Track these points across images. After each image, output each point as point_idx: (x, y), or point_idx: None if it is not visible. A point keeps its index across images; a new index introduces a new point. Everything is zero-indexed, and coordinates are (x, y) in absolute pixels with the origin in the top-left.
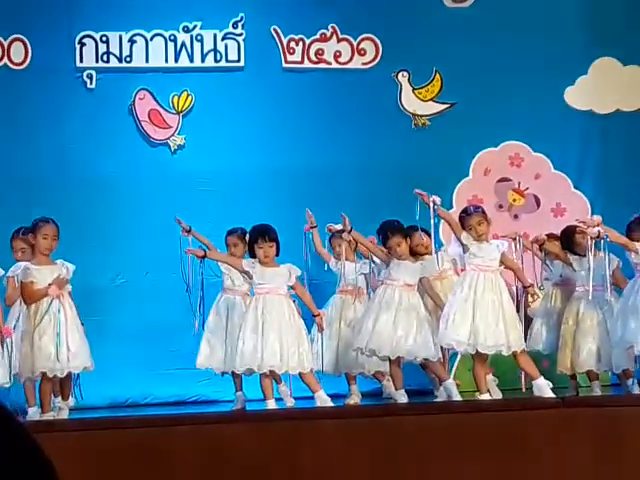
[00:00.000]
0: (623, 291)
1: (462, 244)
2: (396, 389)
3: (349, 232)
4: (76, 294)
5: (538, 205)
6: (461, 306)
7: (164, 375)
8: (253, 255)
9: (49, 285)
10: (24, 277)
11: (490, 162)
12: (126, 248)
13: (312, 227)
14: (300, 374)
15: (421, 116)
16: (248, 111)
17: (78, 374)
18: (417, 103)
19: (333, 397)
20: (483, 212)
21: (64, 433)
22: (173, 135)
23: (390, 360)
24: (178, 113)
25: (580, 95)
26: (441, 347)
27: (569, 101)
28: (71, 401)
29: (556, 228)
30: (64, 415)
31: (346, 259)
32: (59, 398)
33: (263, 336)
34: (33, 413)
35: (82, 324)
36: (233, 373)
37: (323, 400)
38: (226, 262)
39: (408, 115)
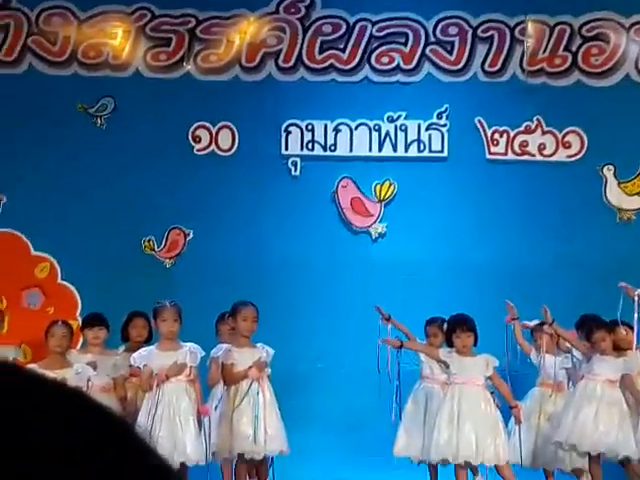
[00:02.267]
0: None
1: None
2: None
3: (550, 324)
4: (275, 378)
5: None
6: None
7: (360, 463)
8: (451, 344)
9: (249, 367)
10: (225, 359)
11: None
12: (326, 332)
13: (513, 319)
14: (496, 467)
15: (626, 210)
16: (450, 202)
17: (273, 458)
18: (622, 197)
19: None
20: None
21: None
22: (374, 223)
23: (590, 456)
24: (380, 202)
25: None
26: None
27: None
28: None
29: None
30: None
31: (547, 352)
32: (255, 479)
33: (459, 426)
34: None
35: (279, 407)
36: (429, 463)
37: None
38: (424, 352)
39: (613, 209)
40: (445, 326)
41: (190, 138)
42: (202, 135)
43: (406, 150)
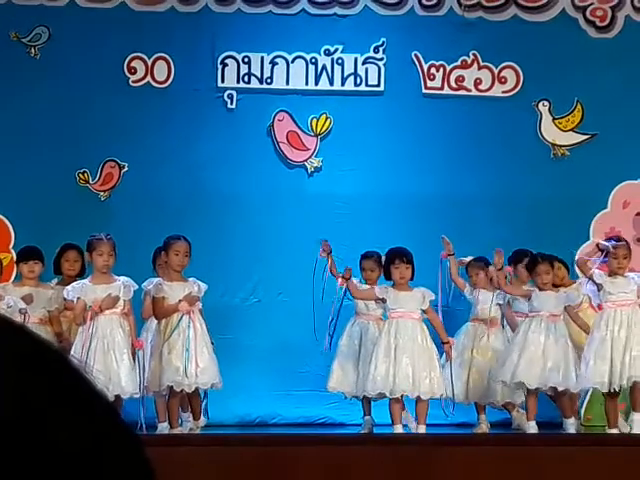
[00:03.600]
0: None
1: (595, 283)
2: (528, 420)
3: (499, 269)
4: (209, 313)
5: None
6: (599, 347)
7: (293, 396)
8: (388, 277)
9: (180, 301)
10: (156, 292)
11: (630, 195)
12: (261, 268)
13: (449, 254)
14: (418, 400)
15: (560, 146)
16: (386, 135)
17: (205, 391)
18: (557, 133)
19: (461, 426)
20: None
21: (192, 448)
22: (310, 157)
23: (529, 391)
24: (316, 136)
25: None
26: None
27: None
28: (202, 421)
29: None
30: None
31: (482, 288)
32: (188, 413)
33: (396, 360)
34: (162, 428)
35: (212, 342)
36: (363, 397)
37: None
38: (362, 297)
39: (547, 145)
40: (383, 259)
41: (125, 69)
42: (137, 66)
43: (343, 84)
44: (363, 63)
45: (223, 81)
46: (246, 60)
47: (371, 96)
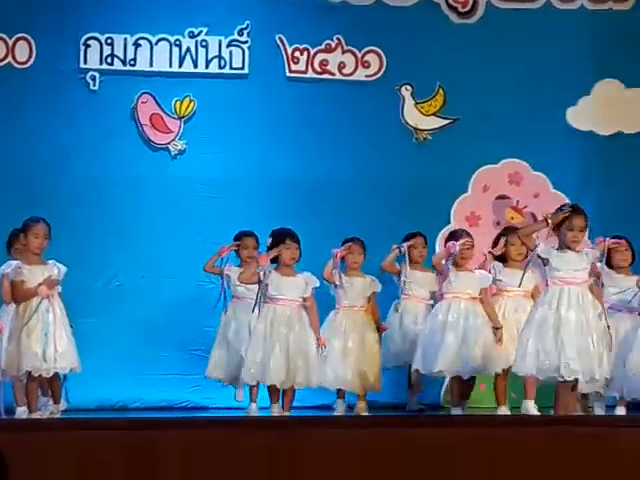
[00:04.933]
0: None
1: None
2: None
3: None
4: (70, 295)
5: None
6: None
7: (154, 380)
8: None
9: (39, 285)
10: (14, 276)
11: (489, 179)
12: (123, 251)
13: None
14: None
15: (423, 130)
16: (250, 119)
17: (65, 375)
18: (419, 117)
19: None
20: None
21: (51, 432)
22: (174, 140)
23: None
24: (180, 118)
25: (582, 116)
26: None
27: (570, 121)
28: (62, 405)
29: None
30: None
31: (356, 276)
32: (48, 397)
33: (272, 348)
34: (21, 413)
35: (71, 326)
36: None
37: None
38: (244, 282)
39: (410, 129)
40: (269, 240)
41: None
42: None
43: (207, 66)
44: (227, 46)
45: (86, 62)
46: (109, 41)
47: (235, 79)
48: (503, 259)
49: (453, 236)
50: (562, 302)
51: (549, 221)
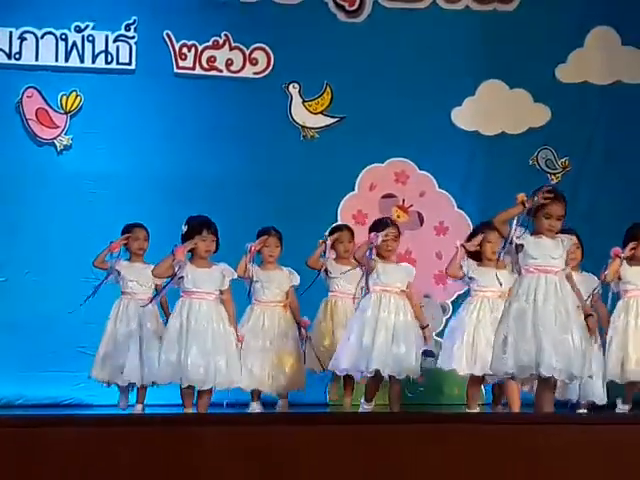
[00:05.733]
0: None
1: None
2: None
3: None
4: None
5: (422, 223)
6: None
7: (39, 377)
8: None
9: None
10: None
11: (376, 178)
12: (8, 247)
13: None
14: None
15: (310, 128)
16: (138, 114)
17: None
18: (306, 115)
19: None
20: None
21: None
22: (60, 135)
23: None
24: (66, 113)
25: (466, 116)
26: None
27: (455, 121)
28: None
29: (438, 246)
30: None
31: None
32: None
33: (187, 345)
34: None
35: None
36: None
37: None
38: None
39: (297, 127)
40: (185, 228)
41: None
42: None
43: (93, 61)
44: (114, 41)
45: None
46: None
47: (122, 74)
48: (476, 256)
49: (376, 226)
50: (539, 292)
51: (526, 205)
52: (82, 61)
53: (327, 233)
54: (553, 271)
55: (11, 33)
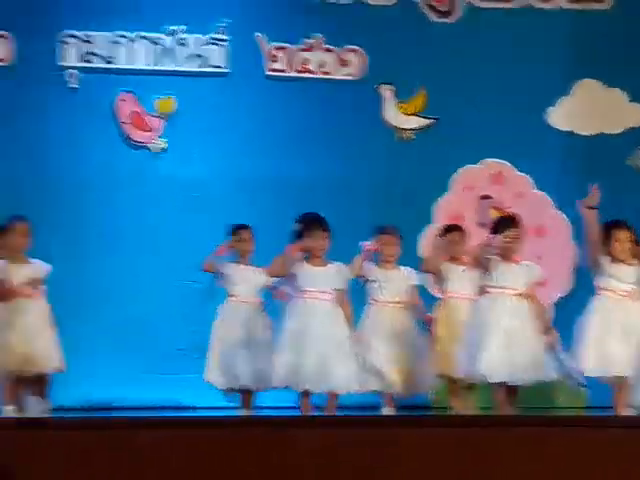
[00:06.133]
0: None
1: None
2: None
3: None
4: (54, 295)
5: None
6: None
7: (140, 379)
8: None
9: (22, 284)
10: None
11: (471, 179)
12: (106, 251)
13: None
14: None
15: (404, 130)
16: (230, 117)
17: (48, 374)
18: (400, 117)
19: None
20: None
21: (36, 431)
22: (154, 138)
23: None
24: (160, 116)
25: (562, 116)
26: None
27: (551, 121)
28: (48, 403)
29: (537, 248)
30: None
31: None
32: (34, 397)
33: (304, 348)
34: (8, 411)
35: (55, 325)
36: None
37: None
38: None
39: (390, 129)
40: (297, 225)
41: None
42: None
43: (186, 65)
44: (207, 44)
45: (65, 60)
46: (88, 39)
47: (215, 77)
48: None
49: (498, 225)
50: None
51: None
52: (175, 64)
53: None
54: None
55: (106, 37)
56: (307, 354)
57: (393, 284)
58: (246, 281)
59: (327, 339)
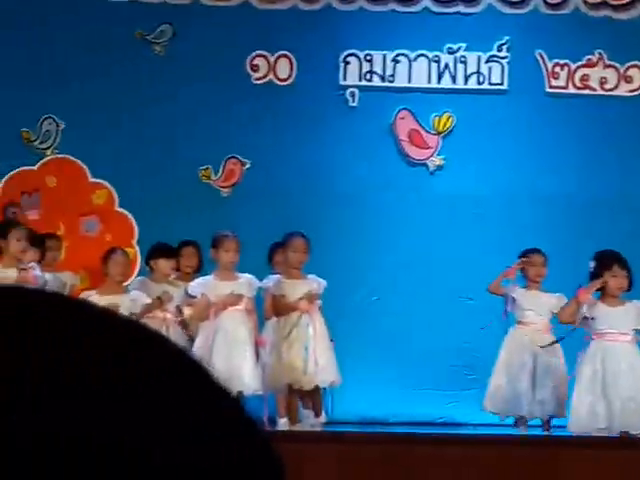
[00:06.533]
0: None
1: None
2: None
3: None
4: (329, 309)
5: None
6: None
7: (412, 395)
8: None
9: (299, 299)
10: (275, 290)
11: None
12: (380, 265)
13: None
14: None
15: None
16: (509, 134)
17: (325, 389)
18: None
19: None
20: None
21: (309, 444)
22: (432, 156)
23: None
24: (438, 134)
25: None
26: None
27: None
28: (323, 417)
29: None
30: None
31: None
32: (308, 411)
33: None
34: (282, 424)
35: (332, 340)
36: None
37: None
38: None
39: None
40: (592, 264)
41: (248, 67)
42: (260, 64)
43: (465, 82)
44: (486, 61)
45: (345, 79)
46: (368, 58)
47: (494, 95)
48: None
49: None
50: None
51: None
52: (454, 82)
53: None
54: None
55: (385, 56)
56: (612, 398)
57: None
58: (537, 307)
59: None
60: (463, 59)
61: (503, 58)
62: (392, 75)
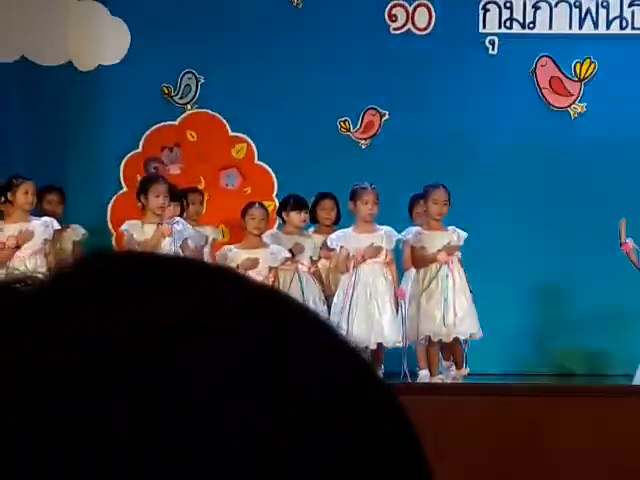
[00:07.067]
0: None
1: None
2: None
3: None
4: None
5: None
6: None
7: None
8: None
9: (438, 251)
10: (415, 242)
11: None
12: (519, 216)
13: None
14: None
15: None
16: None
17: (467, 340)
18: None
19: None
20: None
21: (450, 397)
22: (574, 103)
23: None
24: (580, 80)
25: None
26: None
27: None
28: (465, 370)
29: None
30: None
31: None
32: (449, 362)
33: None
34: (423, 376)
35: (471, 292)
36: None
37: None
38: None
39: None
40: None
41: (386, 17)
42: (398, 14)
43: (608, 27)
44: (629, 5)
45: (485, 27)
46: (508, 5)
47: (637, 39)
48: None
49: None
50: None
51: None
52: (596, 27)
53: None
54: None
55: (525, 3)
56: None
57: None
58: None
59: None
60: (605, 3)
61: None
62: (532, 22)
